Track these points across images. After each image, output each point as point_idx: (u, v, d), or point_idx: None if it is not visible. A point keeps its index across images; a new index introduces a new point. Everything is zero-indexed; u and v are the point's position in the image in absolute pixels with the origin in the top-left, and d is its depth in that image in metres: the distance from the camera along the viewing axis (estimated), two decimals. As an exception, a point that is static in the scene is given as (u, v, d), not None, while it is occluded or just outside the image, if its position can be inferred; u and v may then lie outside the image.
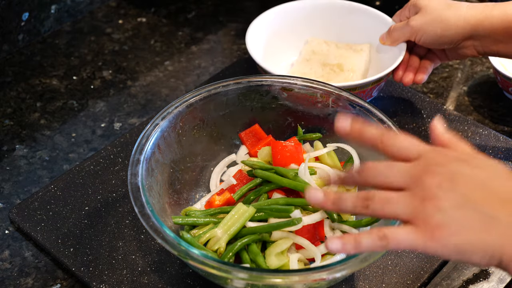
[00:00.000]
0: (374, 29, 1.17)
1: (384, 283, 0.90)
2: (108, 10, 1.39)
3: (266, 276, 0.76)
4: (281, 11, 1.19)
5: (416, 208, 0.63)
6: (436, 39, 1.05)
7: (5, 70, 1.24)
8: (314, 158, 0.96)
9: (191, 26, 1.36)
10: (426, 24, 1.05)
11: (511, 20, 0.99)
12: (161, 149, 0.91)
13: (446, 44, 1.05)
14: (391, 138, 0.68)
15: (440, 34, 1.04)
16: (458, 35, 1.03)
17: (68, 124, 1.15)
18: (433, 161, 0.65)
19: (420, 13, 1.06)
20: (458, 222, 0.62)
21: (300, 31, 1.22)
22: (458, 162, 0.65)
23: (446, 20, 1.03)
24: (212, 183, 0.99)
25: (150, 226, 0.80)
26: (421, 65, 1.12)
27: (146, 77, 1.25)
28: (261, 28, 1.16)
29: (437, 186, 0.63)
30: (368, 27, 1.18)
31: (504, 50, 1.03)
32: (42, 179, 1.05)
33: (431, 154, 0.66)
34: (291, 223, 0.84)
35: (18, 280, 0.91)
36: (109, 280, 0.89)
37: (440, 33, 1.04)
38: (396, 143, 0.68)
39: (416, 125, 1.12)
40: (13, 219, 0.97)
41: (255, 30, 1.15)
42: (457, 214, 0.62)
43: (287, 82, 0.98)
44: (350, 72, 1.14)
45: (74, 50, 1.30)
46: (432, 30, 1.04)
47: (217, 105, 0.98)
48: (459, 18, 1.02)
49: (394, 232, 0.64)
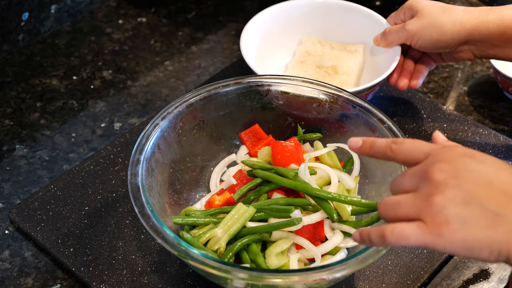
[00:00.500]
0: (369, 29, 1.17)
1: (384, 283, 0.90)
2: (108, 10, 1.39)
3: (266, 276, 0.76)
4: (273, 12, 1.18)
5: (423, 205, 0.64)
6: (432, 44, 1.05)
7: (5, 70, 1.24)
8: (314, 158, 0.96)
9: (191, 26, 1.36)
10: (422, 29, 1.04)
11: (507, 24, 0.99)
12: (161, 149, 0.91)
13: (442, 48, 1.05)
14: (398, 145, 0.70)
15: (436, 39, 1.04)
16: (454, 40, 1.03)
17: (68, 124, 1.15)
18: (440, 157, 0.66)
19: (416, 17, 1.05)
20: (464, 219, 0.62)
21: (294, 31, 1.21)
22: (464, 158, 0.66)
23: (442, 25, 1.02)
24: (212, 183, 0.99)
25: (150, 226, 0.80)
26: (416, 69, 1.11)
27: (146, 77, 1.24)
28: (255, 31, 1.16)
29: (442, 182, 0.64)
30: (363, 27, 1.18)
31: (501, 54, 1.03)
32: (42, 179, 1.05)
33: (438, 151, 0.67)
34: (291, 223, 0.84)
35: (18, 280, 0.91)
36: (109, 280, 0.89)
37: (436, 37, 1.03)
38: (403, 149, 0.70)
39: (416, 125, 1.12)
40: (13, 219, 0.97)
41: (249, 33, 1.14)
42: (463, 210, 0.63)
43: (287, 83, 0.98)
44: (345, 75, 1.13)
45: (74, 50, 1.30)
46: (428, 35, 1.04)
47: (217, 105, 0.98)
48: (455, 23, 1.02)
49: (403, 229, 0.64)
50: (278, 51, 1.21)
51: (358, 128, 0.95)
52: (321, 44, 1.19)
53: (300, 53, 1.18)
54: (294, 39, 1.22)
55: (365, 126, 0.94)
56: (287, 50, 1.22)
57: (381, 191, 0.92)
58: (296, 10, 1.20)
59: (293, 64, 1.16)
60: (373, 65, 1.17)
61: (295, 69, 1.15)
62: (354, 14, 1.19)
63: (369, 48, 1.18)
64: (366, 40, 1.18)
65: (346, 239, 0.89)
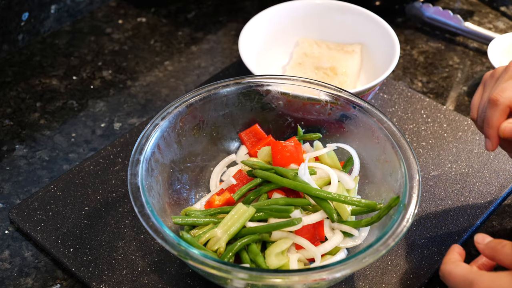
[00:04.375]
0: (365, 28, 1.17)
1: (384, 283, 0.90)
2: (108, 10, 1.39)
3: (266, 276, 0.76)
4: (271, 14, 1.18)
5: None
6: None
7: (5, 70, 1.24)
8: (314, 158, 0.96)
9: (191, 26, 1.36)
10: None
11: None
12: (161, 149, 0.91)
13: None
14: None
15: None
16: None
17: (68, 124, 1.15)
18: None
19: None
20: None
21: (291, 32, 1.21)
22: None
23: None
24: (212, 183, 0.99)
25: (150, 226, 0.80)
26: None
27: (146, 77, 1.25)
28: (253, 33, 1.15)
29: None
30: (359, 27, 1.18)
31: None
32: (42, 179, 1.05)
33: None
34: (291, 223, 0.84)
35: (18, 280, 0.92)
36: (109, 280, 0.89)
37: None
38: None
39: (416, 125, 1.12)
40: (13, 219, 0.97)
41: (247, 36, 1.14)
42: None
43: (287, 83, 0.98)
44: (344, 76, 1.13)
45: (74, 50, 1.30)
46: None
47: (217, 105, 0.98)
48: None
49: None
50: (276, 52, 1.21)
51: (358, 128, 0.95)
52: (318, 45, 1.19)
53: (298, 55, 1.18)
54: (292, 40, 1.22)
55: (365, 126, 0.94)
56: (285, 51, 1.22)
57: (381, 191, 0.92)
58: (293, 11, 1.20)
59: (291, 66, 1.16)
60: (371, 65, 1.17)
61: (294, 71, 1.15)
62: (350, 14, 1.19)
63: (366, 48, 1.18)
64: (363, 40, 1.19)
65: (346, 239, 0.89)
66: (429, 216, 0.98)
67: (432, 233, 0.96)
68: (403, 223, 0.81)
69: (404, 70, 1.26)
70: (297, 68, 1.15)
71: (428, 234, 0.95)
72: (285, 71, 1.18)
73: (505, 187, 1.02)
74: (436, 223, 0.97)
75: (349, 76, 1.13)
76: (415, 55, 1.30)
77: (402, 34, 1.34)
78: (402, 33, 1.34)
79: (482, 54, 1.30)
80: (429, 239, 0.95)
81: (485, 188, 1.02)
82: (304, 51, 1.18)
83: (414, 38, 1.34)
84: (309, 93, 0.97)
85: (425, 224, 0.97)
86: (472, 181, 1.03)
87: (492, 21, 1.39)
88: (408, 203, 0.83)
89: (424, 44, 1.32)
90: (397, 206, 0.83)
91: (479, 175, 1.04)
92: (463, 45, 1.32)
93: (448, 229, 0.96)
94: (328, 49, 1.19)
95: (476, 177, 1.03)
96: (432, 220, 0.97)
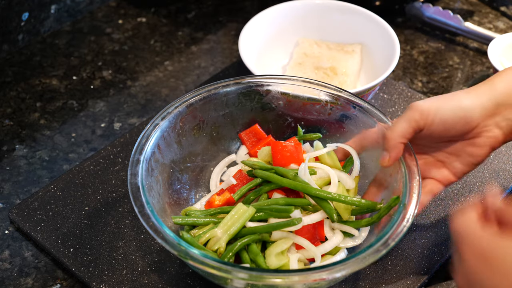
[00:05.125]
0: (365, 28, 1.17)
1: (384, 283, 0.90)
2: (108, 10, 1.39)
3: (266, 276, 0.76)
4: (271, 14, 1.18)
5: None
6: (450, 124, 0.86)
7: (5, 70, 1.24)
8: (314, 158, 0.96)
9: (191, 26, 1.36)
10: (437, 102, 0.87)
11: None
12: (161, 149, 0.91)
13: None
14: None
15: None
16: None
17: (68, 124, 1.15)
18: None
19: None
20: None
21: (291, 32, 1.21)
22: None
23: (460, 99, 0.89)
24: (212, 183, 0.99)
25: (150, 226, 0.80)
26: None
27: (146, 77, 1.25)
28: (253, 33, 1.15)
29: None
30: (358, 27, 1.18)
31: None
32: (42, 179, 1.05)
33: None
34: (291, 223, 0.84)
35: (18, 280, 0.92)
36: (109, 280, 0.89)
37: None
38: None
39: (416, 125, 1.12)
40: (13, 219, 0.97)
41: (247, 36, 1.14)
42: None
43: (287, 83, 0.98)
44: (344, 76, 1.14)
45: (74, 50, 1.30)
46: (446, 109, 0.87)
47: (217, 105, 0.98)
48: (477, 92, 0.90)
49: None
50: (276, 52, 1.21)
51: (358, 128, 0.95)
52: (317, 45, 1.19)
53: (298, 55, 1.18)
54: (292, 40, 1.22)
55: (365, 126, 0.94)
56: (285, 51, 1.22)
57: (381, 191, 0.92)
58: (293, 11, 1.20)
59: (291, 66, 1.16)
60: (370, 65, 1.17)
61: (294, 71, 1.15)
62: (350, 14, 1.19)
63: (366, 48, 1.18)
64: (363, 40, 1.19)
65: (346, 239, 0.89)
66: (429, 216, 0.98)
67: (432, 233, 0.96)
68: (403, 223, 0.81)
69: (404, 70, 1.26)
70: (297, 68, 1.15)
71: (428, 234, 0.95)
72: (285, 71, 1.18)
73: (505, 187, 1.02)
74: (436, 223, 0.97)
75: (349, 76, 1.14)
76: (415, 55, 1.30)
77: (402, 34, 1.34)
78: (402, 33, 1.34)
79: (482, 54, 1.30)
80: (429, 239, 0.95)
81: (485, 188, 1.02)
82: (304, 51, 1.18)
83: (414, 38, 1.34)
84: (309, 93, 0.97)
85: (425, 224, 0.97)
86: (472, 181, 1.03)
87: (492, 21, 1.39)
88: (408, 203, 0.83)
89: (424, 44, 1.32)
90: (397, 206, 0.83)
91: (479, 175, 1.04)
92: (463, 45, 1.32)
93: (448, 229, 0.96)
94: (328, 49, 1.19)
95: (476, 177, 1.03)
96: (432, 220, 0.97)
